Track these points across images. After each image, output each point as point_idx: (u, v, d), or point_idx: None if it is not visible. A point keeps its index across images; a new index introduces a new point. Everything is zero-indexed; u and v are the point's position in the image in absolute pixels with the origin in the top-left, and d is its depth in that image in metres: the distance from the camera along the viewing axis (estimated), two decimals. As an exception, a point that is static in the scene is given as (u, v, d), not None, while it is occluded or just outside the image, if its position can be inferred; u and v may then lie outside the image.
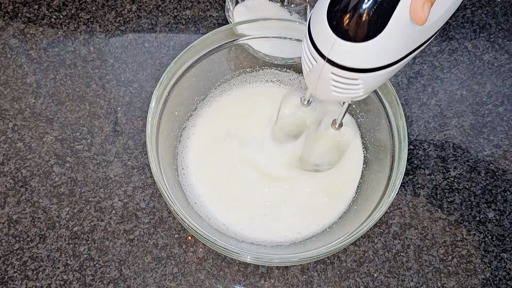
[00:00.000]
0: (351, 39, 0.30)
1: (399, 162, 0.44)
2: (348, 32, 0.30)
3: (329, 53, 0.31)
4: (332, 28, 0.30)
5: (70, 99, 0.55)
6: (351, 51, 0.30)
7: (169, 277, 0.48)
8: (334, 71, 0.32)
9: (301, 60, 0.35)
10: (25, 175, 0.51)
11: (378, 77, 0.32)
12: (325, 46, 0.31)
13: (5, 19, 0.59)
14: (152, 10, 0.61)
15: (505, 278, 0.49)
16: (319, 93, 0.36)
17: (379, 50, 0.31)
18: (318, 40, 0.31)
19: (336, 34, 0.30)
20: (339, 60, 0.31)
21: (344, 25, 0.30)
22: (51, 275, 0.47)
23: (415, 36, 0.32)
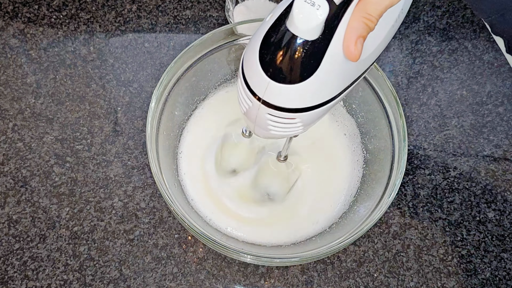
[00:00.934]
0: (284, 81, 0.29)
1: (399, 162, 0.44)
2: (281, 75, 0.29)
3: (264, 95, 0.30)
4: (264, 70, 0.29)
5: (70, 99, 0.55)
6: (286, 93, 0.30)
7: (169, 277, 0.48)
8: (270, 112, 0.31)
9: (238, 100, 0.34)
10: (25, 175, 0.51)
11: (316, 114, 0.32)
12: (259, 88, 0.30)
13: (5, 19, 0.59)
14: (152, 10, 0.61)
15: (505, 278, 0.49)
16: (258, 132, 0.35)
17: (314, 90, 0.30)
18: (252, 81, 0.31)
19: (269, 76, 0.29)
20: (274, 102, 0.31)
21: (277, 68, 0.29)
22: (51, 275, 0.47)
23: (350, 72, 0.32)
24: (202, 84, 0.52)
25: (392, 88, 0.46)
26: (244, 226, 0.47)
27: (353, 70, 0.32)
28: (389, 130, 0.47)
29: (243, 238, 0.47)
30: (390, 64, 0.59)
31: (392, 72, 0.59)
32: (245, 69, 0.31)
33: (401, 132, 0.45)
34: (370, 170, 0.50)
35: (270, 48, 0.29)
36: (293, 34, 0.28)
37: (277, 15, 0.29)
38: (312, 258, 0.41)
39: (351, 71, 0.32)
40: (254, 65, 0.30)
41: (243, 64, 0.32)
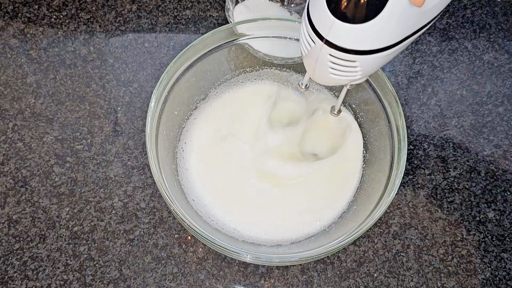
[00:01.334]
0: (349, 20, 0.30)
1: (399, 162, 0.44)
2: (346, 14, 0.30)
3: (328, 35, 0.31)
4: (330, 9, 0.30)
5: (70, 99, 0.55)
6: (349, 33, 0.30)
7: (169, 277, 0.48)
8: (332, 53, 0.32)
9: (300, 43, 0.34)
10: (25, 175, 0.51)
11: (376, 60, 0.32)
12: (324, 28, 0.31)
13: (5, 19, 0.59)
14: (152, 10, 0.61)
15: (505, 278, 0.49)
16: (317, 75, 0.36)
17: (377, 32, 0.31)
18: (317, 21, 0.31)
19: (335, 15, 0.30)
20: (337, 42, 0.31)
21: (343, 7, 0.30)
22: (51, 275, 0.47)
23: (414, 19, 0.32)
24: (202, 84, 0.52)
25: (392, 88, 0.46)
26: (244, 223, 0.47)
27: (417, 18, 0.32)
28: (388, 130, 0.47)
29: (243, 237, 0.47)
30: (390, 64, 0.59)
31: (392, 72, 0.59)
32: (310, 9, 0.32)
33: (400, 131, 0.45)
34: (370, 170, 0.50)
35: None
36: None
37: None
38: (312, 257, 0.41)
39: (415, 19, 0.32)
40: (321, 5, 0.30)
41: (309, 5, 0.32)
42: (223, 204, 0.48)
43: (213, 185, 0.49)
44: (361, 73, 0.34)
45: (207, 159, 0.50)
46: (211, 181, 0.49)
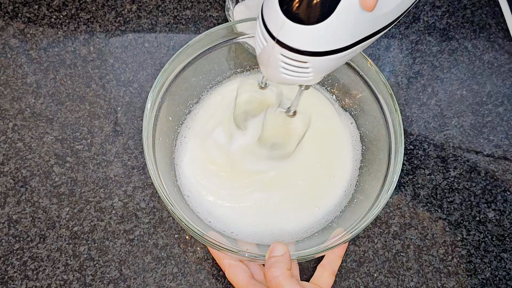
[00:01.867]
0: (300, 21, 0.30)
1: (396, 157, 0.44)
2: (297, 14, 0.30)
3: (279, 34, 0.31)
4: (282, 10, 0.30)
5: (70, 99, 0.55)
6: (300, 33, 0.31)
7: (169, 277, 0.48)
8: (283, 53, 0.32)
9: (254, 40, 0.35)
10: (25, 175, 0.51)
11: (327, 62, 0.33)
12: (275, 27, 0.31)
13: (5, 19, 0.59)
14: (152, 10, 0.61)
15: (505, 278, 0.49)
16: (269, 75, 0.36)
17: (328, 34, 0.31)
18: (269, 20, 0.32)
19: (286, 15, 0.30)
20: (288, 42, 0.31)
21: (294, 8, 0.30)
22: (51, 275, 0.47)
23: (366, 23, 0.32)
24: (198, 83, 0.52)
25: (386, 81, 0.46)
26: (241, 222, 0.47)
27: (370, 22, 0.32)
28: (384, 123, 0.47)
29: (241, 236, 0.47)
30: (390, 64, 0.59)
31: (392, 72, 0.59)
32: (264, 8, 0.32)
33: (397, 126, 0.45)
34: (368, 166, 0.50)
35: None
36: None
37: None
38: (311, 255, 0.41)
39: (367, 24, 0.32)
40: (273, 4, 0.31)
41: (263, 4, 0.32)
42: (219, 204, 0.48)
43: (207, 185, 0.49)
44: (313, 75, 0.34)
45: (201, 160, 0.50)
46: (205, 182, 0.49)
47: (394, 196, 0.52)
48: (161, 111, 0.47)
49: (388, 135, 0.46)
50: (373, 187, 0.46)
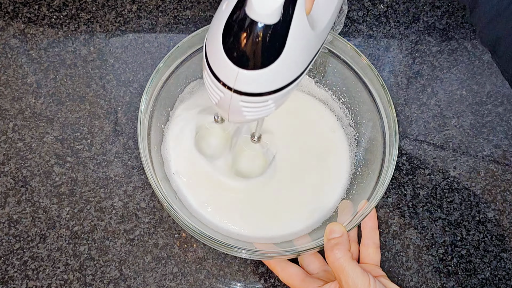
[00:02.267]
0: (253, 67, 0.29)
1: (391, 150, 0.44)
2: (248, 62, 0.29)
3: (234, 85, 0.31)
4: (231, 60, 0.29)
5: (70, 99, 0.55)
6: (256, 78, 0.30)
7: (169, 277, 0.48)
8: (244, 99, 0.32)
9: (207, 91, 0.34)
10: (25, 175, 0.51)
11: (287, 92, 0.32)
12: (229, 79, 0.30)
13: (5, 19, 0.59)
14: (152, 10, 0.61)
15: (505, 278, 0.49)
16: (232, 119, 0.35)
17: (284, 70, 0.30)
18: (220, 73, 0.31)
19: (237, 65, 0.29)
20: (246, 89, 0.31)
21: (243, 56, 0.29)
22: (52, 275, 0.47)
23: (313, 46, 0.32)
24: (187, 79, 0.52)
25: (378, 74, 0.46)
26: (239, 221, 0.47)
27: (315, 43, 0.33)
28: (378, 115, 0.47)
29: (239, 236, 0.47)
30: (389, 64, 0.59)
31: (392, 72, 0.59)
32: (210, 61, 0.31)
33: (390, 118, 0.45)
34: (363, 161, 0.50)
35: (233, 37, 0.29)
36: (253, 20, 0.28)
37: (234, 2, 0.29)
38: (308, 251, 0.42)
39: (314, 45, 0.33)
40: (220, 56, 0.30)
41: (207, 58, 0.32)
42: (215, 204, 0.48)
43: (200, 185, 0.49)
44: (275, 106, 0.34)
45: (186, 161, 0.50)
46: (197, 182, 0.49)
47: (394, 196, 0.52)
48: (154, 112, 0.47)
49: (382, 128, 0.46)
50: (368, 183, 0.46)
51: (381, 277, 0.43)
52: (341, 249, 0.39)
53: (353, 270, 0.38)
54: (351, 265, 0.38)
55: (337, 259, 0.39)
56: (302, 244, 0.43)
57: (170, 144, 0.50)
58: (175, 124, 0.51)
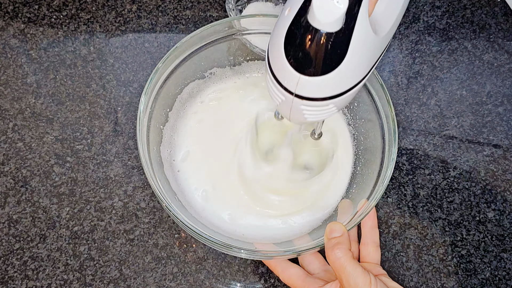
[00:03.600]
0: (314, 74, 0.29)
1: (390, 150, 0.44)
2: (309, 68, 0.29)
3: (296, 89, 0.31)
4: (292, 66, 0.29)
5: (70, 99, 0.55)
6: (317, 84, 0.30)
7: (169, 277, 0.48)
8: (305, 103, 0.32)
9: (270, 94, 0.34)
10: (25, 175, 0.51)
11: (349, 96, 0.32)
12: (290, 84, 0.31)
13: (5, 19, 0.59)
14: (152, 10, 0.61)
15: (505, 278, 0.49)
16: (294, 120, 0.35)
17: (344, 76, 0.30)
18: (282, 77, 0.31)
19: (298, 71, 0.30)
20: (307, 94, 0.31)
21: (305, 63, 0.29)
22: (51, 275, 0.47)
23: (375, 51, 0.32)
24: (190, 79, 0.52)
25: (376, 73, 0.46)
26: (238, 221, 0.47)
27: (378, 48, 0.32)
28: (377, 114, 0.47)
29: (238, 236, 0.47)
30: (390, 64, 0.59)
31: (392, 72, 0.59)
32: (273, 67, 0.32)
33: (390, 117, 0.45)
34: (362, 161, 0.50)
35: (295, 44, 0.29)
36: (315, 28, 0.28)
37: (296, 9, 0.29)
38: (308, 250, 0.42)
39: (376, 50, 0.32)
40: (282, 62, 0.30)
41: (269, 62, 0.32)
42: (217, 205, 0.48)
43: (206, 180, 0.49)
44: (337, 109, 0.34)
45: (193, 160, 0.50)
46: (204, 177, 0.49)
47: (394, 196, 0.52)
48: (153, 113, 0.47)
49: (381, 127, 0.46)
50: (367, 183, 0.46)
51: (382, 276, 0.43)
52: (341, 249, 0.39)
53: (354, 269, 0.38)
54: (352, 265, 0.38)
55: (338, 259, 0.39)
56: (302, 244, 0.43)
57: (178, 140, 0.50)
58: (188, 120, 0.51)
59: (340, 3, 0.27)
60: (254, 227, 0.48)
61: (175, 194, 0.47)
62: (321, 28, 0.28)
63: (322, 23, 0.27)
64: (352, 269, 0.38)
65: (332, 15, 0.27)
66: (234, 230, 0.47)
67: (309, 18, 0.28)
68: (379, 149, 0.46)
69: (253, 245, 0.45)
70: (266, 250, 0.43)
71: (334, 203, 0.49)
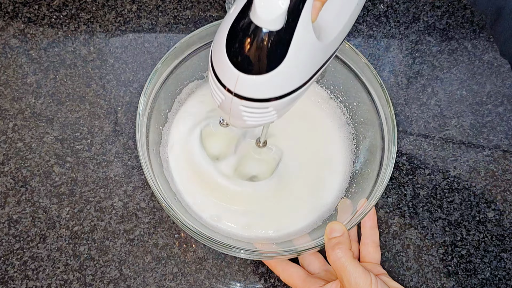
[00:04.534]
0: (253, 72, 0.29)
1: (390, 149, 0.44)
2: (249, 66, 0.29)
3: (235, 88, 0.31)
4: (233, 63, 0.29)
5: (70, 99, 0.55)
6: (256, 84, 0.30)
7: (169, 277, 0.48)
8: (244, 104, 0.32)
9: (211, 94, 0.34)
10: (25, 175, 0.51)
11: (289, 101, 0.32)
12: (230, 82, 0.31)
13: (5, 19, 0.59)
14: (152, 10, 0.61)
15: (505, 278, 0.49)
16: (234, 123, 0.35)
17: (284, 78, 0.30)
18: (222, 75, 0.31)
19: (238, 69, 0.29)
20: (246, 93, 0.31)
21: (245, 60, 0.29)
22: (51, 275, 0.47)
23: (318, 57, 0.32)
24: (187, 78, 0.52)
25: (376, 73, 0.46)
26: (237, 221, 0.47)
27: (321, 54, 0.32)
28: (376, 114, 0.47)
29: (238, 236, 0.47)
30: (390, 64, 0.59)
31: (392, 72, 0.59)
32: (214, 64, 0.31)
33: (389, 117, 0.45)
34: (362, 160, 0.50)
35: (236, 41, 0.29)
36: (257, 25, 0.28)
37: (240, 7, 0.29)
38: (308, 250, 0.42)
39: (319, 56, 0.32)
40: (223, 59, 0.30)
41: (212, 59, 0.32)
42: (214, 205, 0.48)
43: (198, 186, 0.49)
44: (277, 115, 0.34)
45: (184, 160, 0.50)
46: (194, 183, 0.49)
47: (394, 196, 0.52)
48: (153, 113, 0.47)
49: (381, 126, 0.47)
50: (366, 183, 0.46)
51: (383, 275, 0.43)
52: (342, 248, 0.39)
53: (354, 269, 0.38)
54: (352, 264, 0.38)
55: (339, 258, 0.39)
56: (302, 244, 0.43)
57: (172, 144, 0.50)
58: (178, 124, 0.51)
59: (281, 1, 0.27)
60: (254, 227, 0.48)
61: (175, 195, 0.47)
62: (262, 26, 0.28)
63: (262, 20, 0.27)
64: (353, 268, 0.38)
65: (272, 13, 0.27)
66: (233, 230, 0.47)
67: (251, 15, 0.28)
68: (378, 148, 0.46)
69: (253, 245, 0.45)
70: (266, 250, 0.43)
71: (333, 202, 0.49)
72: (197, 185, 0.49)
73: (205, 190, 0.48)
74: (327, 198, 0.49)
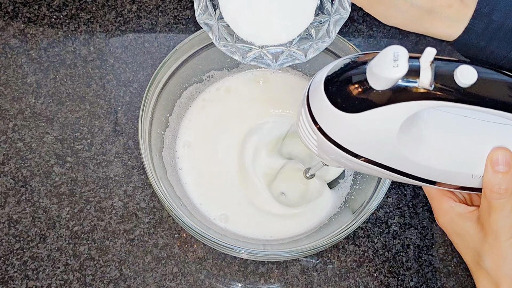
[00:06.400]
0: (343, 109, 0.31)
1: None
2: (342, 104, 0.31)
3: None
4: (330, 100, 0.31)
5: (70, 99, 0.55)
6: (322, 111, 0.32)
7: (169, 277, 0.48)
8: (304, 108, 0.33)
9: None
10: (25, 175, 0.51)
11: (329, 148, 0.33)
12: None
13: (5, 19, 0.59)
14: (152, 10, 0.61)
15: (505, 278, 0.49)
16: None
17: (357, 131, 0.31)
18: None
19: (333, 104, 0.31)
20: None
21: (339, 96, 0.31)
22: (51, 275, 0.47)
23: (394, 149, 0.32)
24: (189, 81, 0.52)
25: None
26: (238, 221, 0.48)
27: (395, 156, 0.33)
28: None
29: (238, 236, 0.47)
30: (390, 64, 0.59)
31: (392, 72, 0.59)
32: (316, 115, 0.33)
33: None
34: None
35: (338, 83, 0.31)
36: (373, 88, 0.29)
37: (363, 54, 0.31)
38: (309, 251, 0.42)
39: (392, 150, 0.32)
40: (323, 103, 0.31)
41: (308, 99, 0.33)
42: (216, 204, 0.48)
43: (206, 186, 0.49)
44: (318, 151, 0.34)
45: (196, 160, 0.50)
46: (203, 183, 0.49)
47: (394, 196, 0.52)
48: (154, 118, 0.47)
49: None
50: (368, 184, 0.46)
51: None
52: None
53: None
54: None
55: (501, 195, 0.33)
56: (302, 244, 0.43)
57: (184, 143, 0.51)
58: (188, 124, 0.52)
59: (397, 70, 0.28)
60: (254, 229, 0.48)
61: (180, 199, 0.47)
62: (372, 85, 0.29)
63: (380, 87, 0.29)
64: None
65: (387, 81, 0.28)
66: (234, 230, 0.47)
67: (370, 79, 0.29)
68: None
69: (253, 245, 0.45)
70: (266, 250, 0.43)
71: (333, 202, 0.49)
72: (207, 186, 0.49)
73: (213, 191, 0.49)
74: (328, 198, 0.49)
